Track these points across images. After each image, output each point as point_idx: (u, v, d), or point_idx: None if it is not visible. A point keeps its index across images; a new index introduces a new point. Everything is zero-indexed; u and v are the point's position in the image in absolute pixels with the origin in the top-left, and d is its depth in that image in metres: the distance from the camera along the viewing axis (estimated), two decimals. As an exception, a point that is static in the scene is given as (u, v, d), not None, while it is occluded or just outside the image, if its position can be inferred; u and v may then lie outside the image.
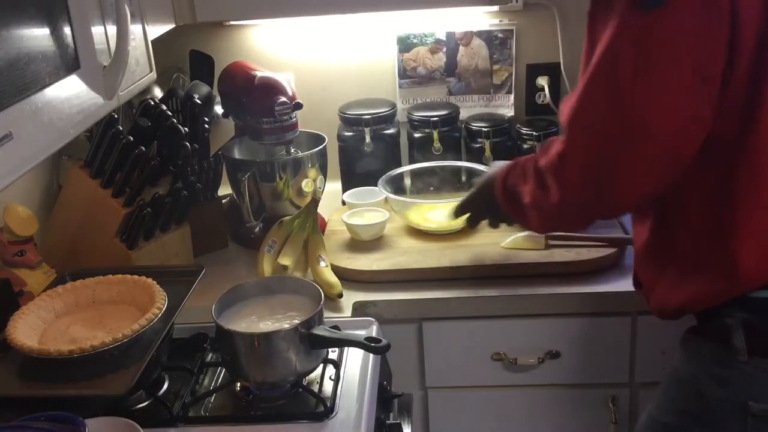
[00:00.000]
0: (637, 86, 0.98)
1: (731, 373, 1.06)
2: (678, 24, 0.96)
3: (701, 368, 1.10)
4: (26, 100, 0.91)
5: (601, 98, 1.02)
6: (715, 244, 1.05)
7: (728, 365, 1.06)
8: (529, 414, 1.58)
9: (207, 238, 1.71)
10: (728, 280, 1.04)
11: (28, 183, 1.59)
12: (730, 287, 1.05)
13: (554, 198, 1.14)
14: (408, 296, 1.48)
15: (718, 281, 1.06)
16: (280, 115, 1.63)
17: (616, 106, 1.00)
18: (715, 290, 1.06)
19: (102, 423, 1.08)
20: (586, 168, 1.07)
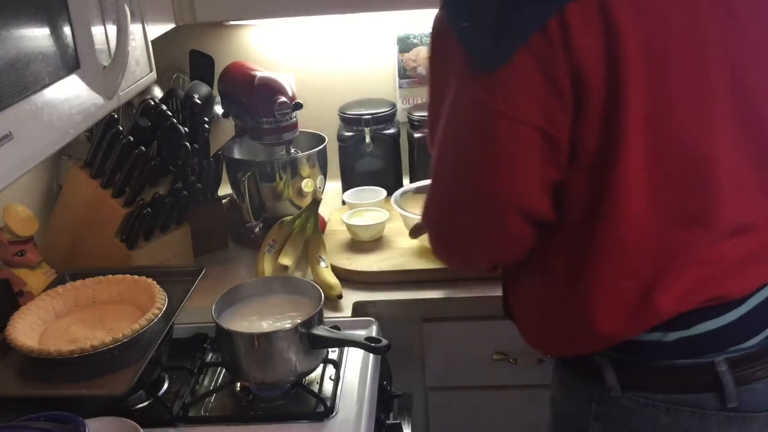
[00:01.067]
0: (480, 152, 0.94)
1: (608, 408, 1.03)
2: (523, 84, 0.90)
3: (579, 406, 1.07)
4: (26, 100, 0.91)
5: (449, 163, 0.98)
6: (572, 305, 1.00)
7: (605, 401, 1.03)
8: (529, 414, 1.58)
9: (207, 238, 1.71)
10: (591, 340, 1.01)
11: (28, 183, 1.59)
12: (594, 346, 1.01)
13: None
14: (408, 296, 1.48)
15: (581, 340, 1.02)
16: (280, 115, 1.63)
17: (461, 173, 0.97)
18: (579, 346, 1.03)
19: (102, 423, 1.08)
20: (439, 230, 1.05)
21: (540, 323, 1.08)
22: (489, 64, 0.90)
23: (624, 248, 0.95)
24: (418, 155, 1.87)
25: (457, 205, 1.00)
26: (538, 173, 0.94)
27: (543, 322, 1.07)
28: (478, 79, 0.91)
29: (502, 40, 0.89)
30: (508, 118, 0.91)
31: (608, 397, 1.03)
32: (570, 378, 1.10)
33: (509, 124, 0.91)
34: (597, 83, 0.89)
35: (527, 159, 0.93)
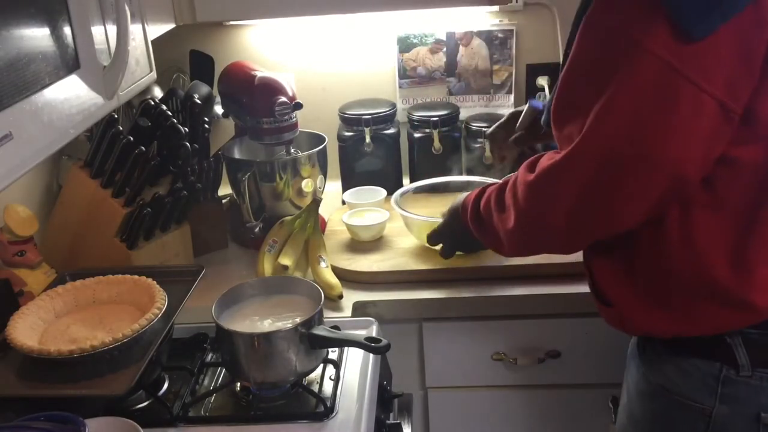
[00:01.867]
0: (659, 116, 0.93)
1: (737, 389, 1.03)
2: (718, 55, 0.91)
3: (701, 390, 1.06)
4: (26, 100, 0.91)
5: (619, 122, 0.95)
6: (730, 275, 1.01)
7: (733, 382, 1.03)
8: (529, 414, 1.58)
9: (207, 238, 1.71)
10: (744, 312, 1.01)
11: (28, 183, 1.59)
12: (746, 319, 1.02)
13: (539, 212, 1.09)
14: (408, 296, 1.48)
15: (731, 313, 1.02)
16: (280, 115, 1.62)
17: (633, 133, 0.95)
18: (727, 322, 1.03)
19: (102, 423, 1.08)
20: (585, 187, 1.01)
21: (664, 302, 1.06)
22: (696, 32, 0.89)
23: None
24: (418, 155, 1.87)
25: (617, 162, 0.97)
26: (706, 144, 0.95)
27: (670, 300, 1.06)
28: (674, 43, 0.90)
29: (717, 11, 0.89)
30: (696, 87, 0.91)
31: (736, 377, 1.03)
32: (684, 360, 1.08)
33: (695, 93, 0.91)
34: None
35: (700, 128, 0.94)
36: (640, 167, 0.96)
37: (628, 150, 0.96)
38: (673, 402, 1.09)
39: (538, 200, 1.09)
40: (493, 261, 1.53)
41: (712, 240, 1.01)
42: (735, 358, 1.03)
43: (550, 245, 1.16)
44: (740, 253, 1.00)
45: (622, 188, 0.99)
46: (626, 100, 0.94)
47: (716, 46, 0.90)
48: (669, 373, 1.10)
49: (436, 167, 1.83)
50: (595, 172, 0.99)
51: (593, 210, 1.03)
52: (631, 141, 0.96)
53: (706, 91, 0.91)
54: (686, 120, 0.93)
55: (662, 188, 0.97)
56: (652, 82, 0.93)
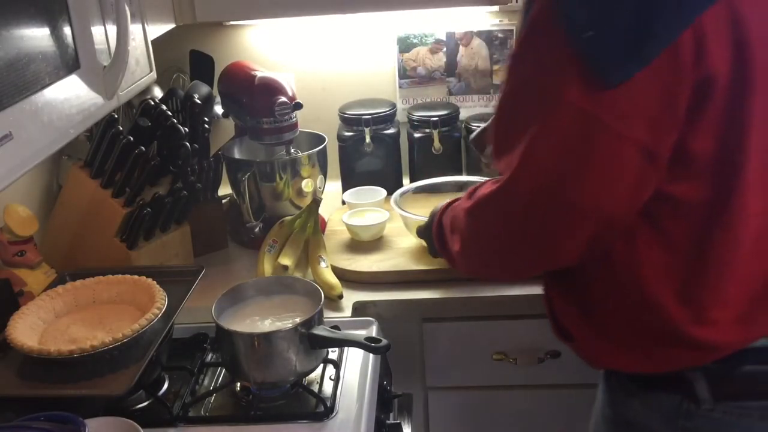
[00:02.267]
0: (579, 163, 0.91)
1: (699, 423, 1.01)
2: (636, 100, 0.88)
3: (663, 424, 1.04)
4: (26, 100, 0.91)
5: (540, 168, 0.94)
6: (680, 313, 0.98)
7: (695, 416, 1.01)
8: (529, 414, 1.58)
9: (207, 238, 1.70)
10: (699, 350, 0.99)
11: (28, 183, 1.59)
12: (702, 357, 0.99)
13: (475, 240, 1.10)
14: (408, 296, 1.48)
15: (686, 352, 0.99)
16: (280, 115, 1.63)
17: (554, 179, 0.93)
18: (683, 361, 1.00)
19: (102, 423, 1.08)
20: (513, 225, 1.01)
21: (619, 340, 1.04)
22: (611, 80, 0.86)
23: (738, 253, 0.94)
24: (418, 155, 1.87)
25: (529, 209, 0.97)
26: (630, 188, 0.92)
27: (625, 338, 1.04)
28: (588, 88, 0.88)
29: (632, 59, 0.85)
30: (615, 134, 0.88)
31: (698, 411, 1.00)
32: (646, 393, 1.06)
33: (614, 140, 0.89)
34: (721, 89, 0.88)
35: (622, 174, 0.91)
36: (563, 213, 0.95)
37: (548, 197, 0.95)
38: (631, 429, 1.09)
39: (474, 228, 1.09)
40: (493, 261, 1.53)
41: (659, 277, 0.98)
42: (695, 393, 1.00)
43: (492, 272, 1.17)
44: (689, 290, 0.97)
45: (547, 230, 0.98)
46: (546, 148, 0.93)
47: (634, 92, 0.87)
48: (632, 405, 1.09)
49: (436, 167, 1.82)
50: (519, 213, 0.98)
51: (522, 246, 1.02)
52: (550, 189, 0.94)
53: (625, 136, 0.89)
54: (606, 166, 0.91)
55: (589, 232, 0.96)
56: (569, 129, 0.90)
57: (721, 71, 0.87)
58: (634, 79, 0.86)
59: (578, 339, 1.10)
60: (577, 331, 1.10)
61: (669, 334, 0.99)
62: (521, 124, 0.95)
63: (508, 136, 0.98)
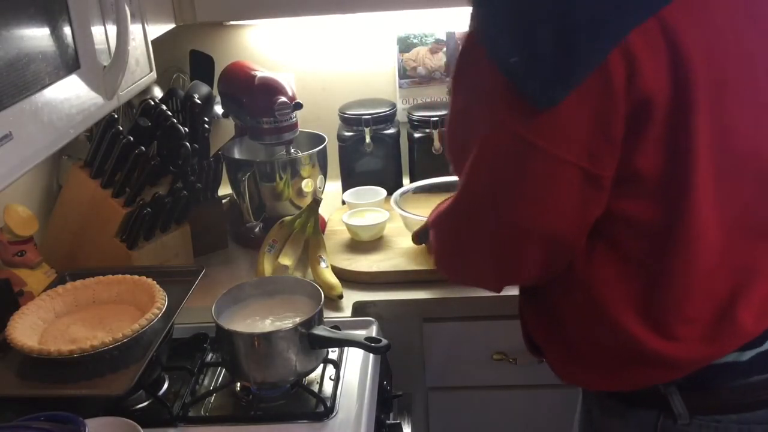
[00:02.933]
0: (513, 187, 0.90)
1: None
2: (569, 123, 0.86)
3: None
4: (26, 100, 0.91)
5: (482, 190, 0.94)
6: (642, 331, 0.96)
7: (671, 430, 1.00)
8: (530, 414, 1.58)
9: (207, 238, 1.70)
10: (666, 368, 0.97)
11: (28, 183, 1.59)
12: (670, 374, 0.97)
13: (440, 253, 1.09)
14: (408, 296, 1.48)
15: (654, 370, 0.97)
16: (280, 115, 1.63)
17: (496, 201, 0.92)
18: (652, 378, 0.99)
19: (102, 423, 1.08)
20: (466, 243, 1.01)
21: (587, 358, 1.03)
22: (540, 103, 0.85)
23: (697, 270, 0.92)
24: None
25: (477, 231, 0.97)
26: (577, 212, 0.91)
27: (592, 357, 1.02)
28: (520, 112, 0.86)
29: (557, 82, 0.83)
30: (549, 156, 0.87)
31: (674, 426, 0.99)
32: (624, 409, 1.05)
33: (550, 163, 0.87)
34: (661, 109, 0.85)
35: (563, 196, 0.90)
36: (507, 233, 0.94)
37: (492, 217, 0.94)
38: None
39: (436, 241, 1.08)
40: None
41: (619, 296, 0.96)
42: (671, 408, 0.99)
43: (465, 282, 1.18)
44: (651, 308, 0.95)
45: (498, 250, 0.97)
46: (484, 169, 0.92)
47: (564, 116, 0.85)
48: (609, 419, 1.08)
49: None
50: (471, 232, 0.98)
51: (481, 263, 1.01)
52: (494, 209, 0.93)
53: (561, 158, 0.87)
54: (544, 189, 0.90)
55: (537, 252, 0.95)
56: (505, 152, 0.89)
57: (659, 91, 0.85)
58: (564, 104, 0.84)
59: (548, 355, 1.09)
60: (547, 347, 1.09)
61: (634, 353, 0.97)
62: (463, 145, 0.95)
63: (455, 157, 0.98)
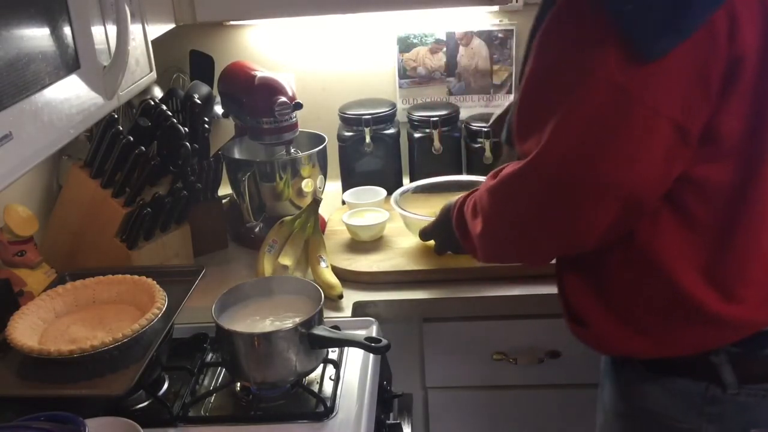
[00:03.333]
0: (610, 139, 0.92)
1: (724, 407, 1.01)
2: (672, 77, 0.89)
3: (687, 411, 1.04)
4: (26, 100, 0.91)
5: (570, 144, 0.94)
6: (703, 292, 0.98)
7: (720, 401, 1.01)
8: (529, 414, 1.58)
9: (207, 238, 1.71)
10: (722, 329, 0.99)
11: (28, 183, 1.59)
12: (726, 336, 1.00)
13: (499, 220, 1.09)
14: (408, 296, 1.48)
15: (710, 331, 1.00)
16: (280, 115, 1.63)
17: (584, 156, 0.93)
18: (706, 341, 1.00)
19: (102, 423, 1.08)
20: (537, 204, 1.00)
21: (642, 323, 1.04)
22: (650, 55, 0.87)
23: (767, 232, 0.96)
24: (418, 155, 1.87)
25: (556, 186, 0.97)
26: (660, 166, 0.93)
27: (647, 321, 1.03)
28: (625, 64, 0.88)
29: (670, 32, 0.86)
30: (647, 108, 0.89)
31: (723, 396, 1.00)
32: (667, 381, 1.05)
33: (648, 115, 0.90)
34: (751, 68, 0.89)
35: (653, 151, 0.92)
36: (591, 190, 0.95)
37: (579, 172, 0.94)
38: (657, 424, 1.07)
39: (498, 208, 1.08)
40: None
41: (683, 259, 0.98)
42: (721, 378, 1.00)
43: (513, 255, 1.16)
44: (714, 271, 0.98)
45: (572, 209, 0.97)
46: (577, 123, 0.93)
47: (670, 68, 0.88)
48: (651, 394, 1.08)
49: (436, 167, 1.82)
50: (546, 190, 0.98)
51: (545, 226, 1.02)
52: (581, 164, 0.94)
53: (659, 113, 0.89)
54: (638, 143, 0.91)
55: (615, 211, 0.96)
56: (603, 105, 0.91)
57: (752, 51, 0.89)
58: (671, 55, 0.87)
59: (592, 325, 1.09)
60: (591, 316, 1.09)
61: (693, 314, 0.99)
62: (552, 101, 0.95)
63: (535, 115, 0.98)
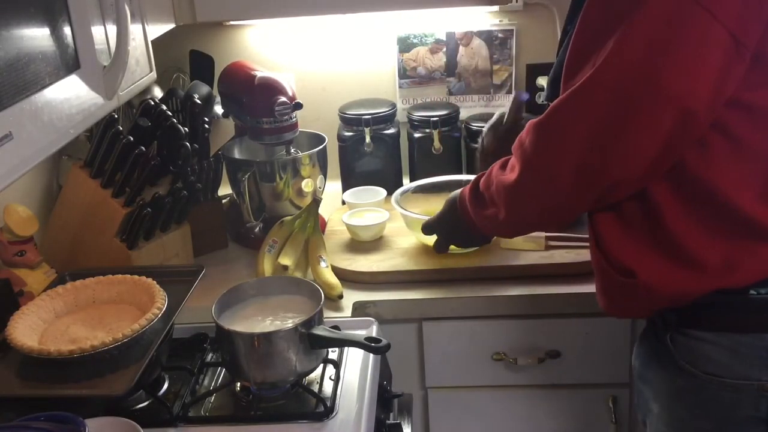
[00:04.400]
0: (671, 44, 0.94)
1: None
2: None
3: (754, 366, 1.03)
4: (26, 100, 0.91)
5: (631, 53, 0.96)
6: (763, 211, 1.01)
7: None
8: (529, 414, 1.58)
9: (207, 238, 1.71)
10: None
11: (28, 183, 1.59)
12: None
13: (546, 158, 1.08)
14: (408, 296, 1.48)
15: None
16: (280, 115, 1.62)
17: (644, 63, 0.96)
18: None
19: (102, 423, 1.08)
20: (594, 123, 1.01)
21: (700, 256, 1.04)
22: None
23: None
24: (418, 155, 1.87)
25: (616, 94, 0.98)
26: (715, 78, 0.95)
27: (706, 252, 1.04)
28: None
29: None
30: (709, 14, 0.92)
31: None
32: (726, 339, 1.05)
33: (708, 21, 0.92)
34: None
35: (710, 60, 0.94)
36: (649, 97, 0.97)
37: (638, 78, 0.97)
38: (725, 386, 1.05)
39: (547, 141, 1.08)
40: (493, 261, 1.53)
41: (738, 187, 1.01)
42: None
43: (554, 202, 1.12)
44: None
45: (630, 121, 0.99)
46: (640, 30, 0.95)
47: None
48: (713, 356, 1.06)
49: (436, 167, 1.82)
50: (604, 105, 0.99)
51: (601, 150, 1.02)
52: (640, 71, 0.96)
53: (719, 20, 0.92)
54: (697, 49, 0.94)
55: (671, 122, 0.97)
56: (666, 9, 0.94)
57: None
58: None
59: (641, 271, 1.08)
60: (639, 261, 1.08)
61: (753, 232, 1.01)
62: (614, 17, 0.98)
63: (594, 38, 1.00)
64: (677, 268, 1.06)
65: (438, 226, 1.46)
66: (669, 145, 1.00)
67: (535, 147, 1.09)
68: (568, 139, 1.04)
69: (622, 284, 1.11)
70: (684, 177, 1.03)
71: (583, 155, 1.04)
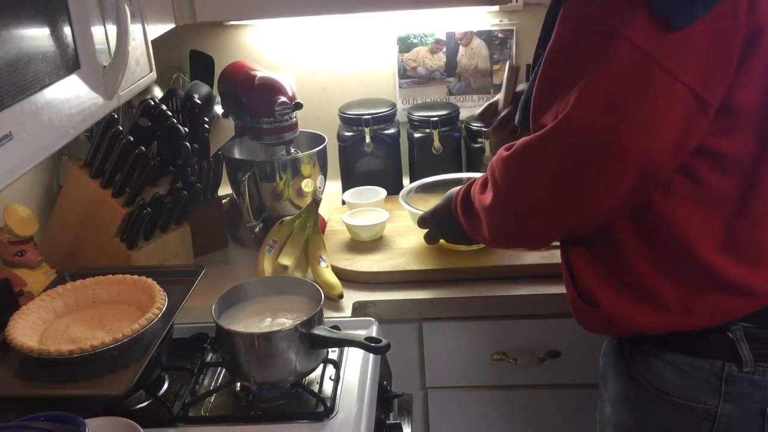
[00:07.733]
0: (631, 104, 0.93)
1: (741, 386, 1.02)
2: (695, 47, 0.91)
3: (703, 390, 1.04)
4: (26, 100, 0.91)
5: (591, 109, 0.95)
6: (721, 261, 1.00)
7: (736, 379, 1.02)
8: (529, 414, 1.58)
9: (207, 238, 1.71)
10: (742, 296, 1.00)
11: (28, 183, 1.59)
12: (746, 304, 1.01)
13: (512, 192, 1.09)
14: (408, 296, 1.48)
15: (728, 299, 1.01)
16: (280, 115, 1.62)
17: (604, 120, 0.94)
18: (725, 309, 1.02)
19: (102, 423, 1.08)
20: (555, 172, 1.00)
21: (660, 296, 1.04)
22: (676, 22, 0.90)
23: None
24: (418, 155, 1.87)
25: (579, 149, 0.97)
26: (678, 135, 0.95)
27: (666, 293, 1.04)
28: (651, 32, 0.90)
29: (698, 1, 0.89)
30: (670, 75, 0.91)
31: (739, 374, 1.02)
32: (680, 360, 1.06)
33: (670, 82, 0.92)
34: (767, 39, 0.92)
35: (672, 119, 0.94)
36: (608, 155, 0.96)
37: (598, 137, 0.95)
38: (673, 405, 1.08)
39: (512, 178, 1.08)
40: (493, 261, 1.53)
41: (699, 231, 1.01)
42: (738, 354, 1.02)
43: (521, 230, 1.14)
44: (731, 241, 1.00)
45: (590, 177, 0.98)
46: (600, 87, 0.94)
47: (694, 38, 0.91)
48: (665, 375, 1.08)
49: (436, 167, 1.82)
50: (564, 157, 0.99)
51: (562, 197, 1.02)
52: (601, 128, 0.95)
53: (680, 81, 0.92)
54: (658, 109, 0.93)
55: (631, 179, 0.97)
56: (627, 69, 0.93)
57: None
58: (695, 25, 0.89)
59: (604, 302, 1.09)
60: (603, 293, 1.09)
61: (711, 281, 1.01)
62: (577, 67, 0.97)
63: (558, 83, 0.99)
64: (638, 303, 1.06)
65: (432, 219, 1.49)
66: (631, 196, 0.99)
67: (503, 180, 1.09)
68: (531, 183, 1.05)
69: (587, 311, 1.12)
70: (648, 219, 1.03)
71: (545, 199, 1.04)
